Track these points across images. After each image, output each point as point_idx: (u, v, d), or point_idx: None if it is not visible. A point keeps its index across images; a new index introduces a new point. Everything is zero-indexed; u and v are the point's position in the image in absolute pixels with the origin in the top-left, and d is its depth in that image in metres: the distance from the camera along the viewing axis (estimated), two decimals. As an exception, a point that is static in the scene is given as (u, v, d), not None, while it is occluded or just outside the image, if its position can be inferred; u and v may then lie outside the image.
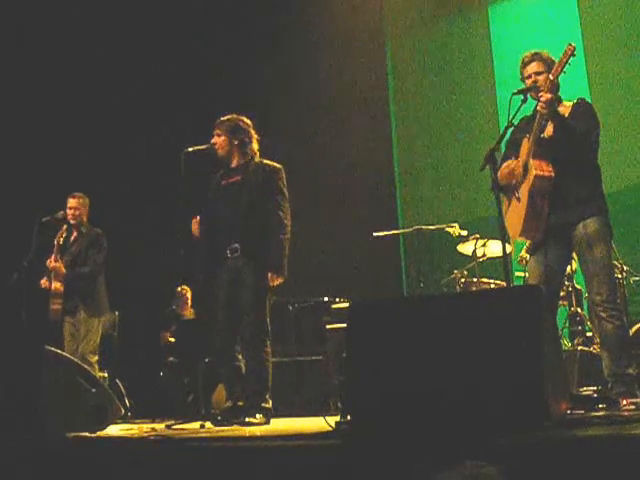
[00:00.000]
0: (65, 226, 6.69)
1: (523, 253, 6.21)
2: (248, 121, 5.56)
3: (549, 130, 4.41)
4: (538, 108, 4.35)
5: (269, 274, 5.26)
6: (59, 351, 5.01)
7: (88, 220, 6.89)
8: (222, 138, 5.48)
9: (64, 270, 6.62)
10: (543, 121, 4.41)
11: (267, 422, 5.07)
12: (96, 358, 6.58)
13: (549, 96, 4.31)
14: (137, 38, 9.11)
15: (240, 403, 5.21)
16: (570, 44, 4.30)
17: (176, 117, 8.95)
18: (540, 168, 4.35)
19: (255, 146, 5.52)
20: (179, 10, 9.29)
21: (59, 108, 8.80)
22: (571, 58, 4.27)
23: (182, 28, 9.27)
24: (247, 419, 4.99)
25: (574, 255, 4.63)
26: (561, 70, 4.32)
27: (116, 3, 9.01)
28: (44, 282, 6.64)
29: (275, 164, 5.52)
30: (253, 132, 5.54)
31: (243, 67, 9.46)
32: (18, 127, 8.64)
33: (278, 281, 5.30)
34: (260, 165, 5.48)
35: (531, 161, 4.37)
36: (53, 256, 6.62)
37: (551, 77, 4.35)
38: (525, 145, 4.47)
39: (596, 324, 4.50)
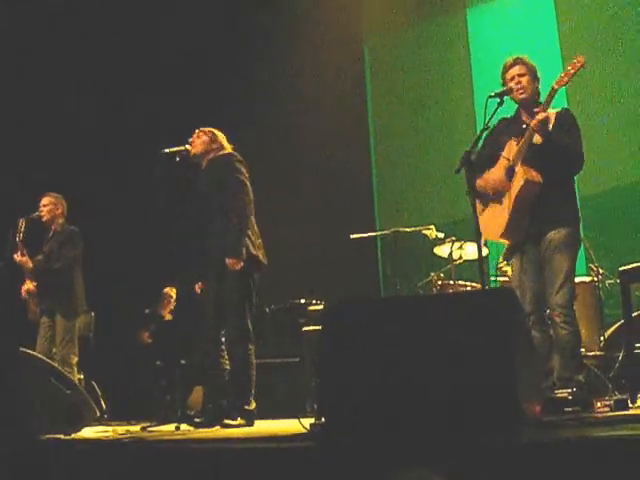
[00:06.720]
0: (23, 222, 6.59)
1: (501, 260, 6.25)
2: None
3: (537, 138, 4.43)
4: (531, 125, 4.36)
5: (227, 260, 5.17)
6: (33, 353, 4.98)
7: (66, 220, 6.82)
8: (204, 139, 5.54)
9: (31, 264, 6.57)
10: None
11: (250, 424, 5.06)
12: (76, 360, 6.51)
13: (545, 115, 4.35)
14: (114, 39, 9.07)
15: (222, 404, 5.21)
16: (579, 55, 4.33)
17: (155, 117, 8.90)
18: (530, 174, 4.40)
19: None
20: (158, 9, 9.25)
21: (36, 108, 8.73)
22: (579, 70, 4.30)
23: (161, 28, 9.21)
24: (226, 421, 4.98)
25: None
26: (567, 81, 4.35)
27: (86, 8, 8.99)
28: (25, 288, 6.58)
29: (228, 151, 5.53)
30: (227, 145, 5.60)
31: (224, 66, 9.44)
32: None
33: (235, 264, 5.16)
34: (216, 158, 5.51)
35: (520, 166, 4.41)
36: (19, 251, 6.55)
37: (555, 86, 4.35)
38: (512, 148, 4.49)
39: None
